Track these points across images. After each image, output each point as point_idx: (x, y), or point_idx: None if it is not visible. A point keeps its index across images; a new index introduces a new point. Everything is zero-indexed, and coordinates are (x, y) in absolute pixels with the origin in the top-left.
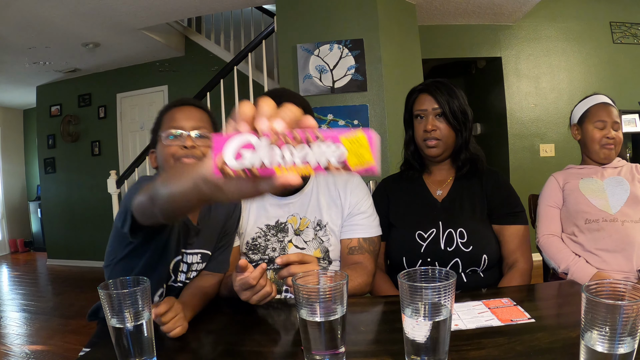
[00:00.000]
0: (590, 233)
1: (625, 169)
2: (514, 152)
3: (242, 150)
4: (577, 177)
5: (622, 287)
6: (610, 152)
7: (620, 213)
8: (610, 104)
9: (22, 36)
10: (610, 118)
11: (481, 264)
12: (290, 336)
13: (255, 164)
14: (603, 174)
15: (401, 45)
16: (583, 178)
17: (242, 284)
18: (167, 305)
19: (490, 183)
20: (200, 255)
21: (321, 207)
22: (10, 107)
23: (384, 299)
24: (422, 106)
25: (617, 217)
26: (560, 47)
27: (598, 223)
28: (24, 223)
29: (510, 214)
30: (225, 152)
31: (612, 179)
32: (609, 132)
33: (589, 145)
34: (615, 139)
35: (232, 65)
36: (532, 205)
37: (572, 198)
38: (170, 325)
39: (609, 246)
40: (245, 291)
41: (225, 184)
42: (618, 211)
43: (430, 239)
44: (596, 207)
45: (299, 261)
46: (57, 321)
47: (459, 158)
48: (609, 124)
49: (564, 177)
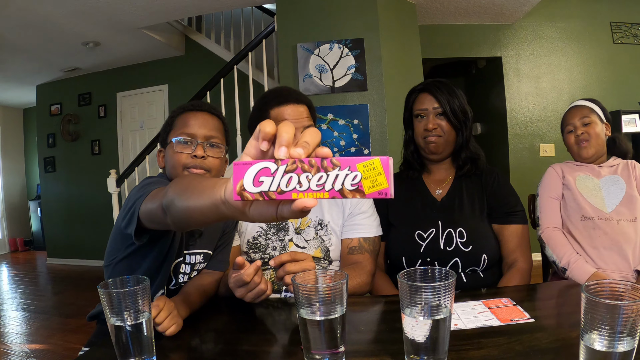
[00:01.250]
0: (586, 231)
1: (621, 166)
2: (514, 152)
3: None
4: (574, 172)
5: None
6: (588, 148)
7: (615, 212)
8: (581, 104)
9: (22, 35)
10: (576, 118)
11: (481, 264)
12: (289, 335)
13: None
14: (600, 172)
15: (401, 45)
16: (580, 174)
17: (236, 280)
18: (158, 308)
19: (489, 182)
20: (203, 255)
21: (322, 206)
22: (10, 106)
23: (384, 299)
24: (423, 105)
25: (612, 216)
26: (561, 47)
27: (593, 221)
28: (23, 222)
29: (510, 214)
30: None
31: (608, 178)
32: (577, 130)
33: (570, 151)
34: (585, 134)
35: (232, 65)
36: (531, 205)
37: (569, 194)
38: (165, 325)
39: (604, 244)
40: (239, 288)
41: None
42: (613, 210)
43: (429, 239)
44: (592, 205)
45: (292, 260)
46: (56, 320)
47: (460, 157)
48: (577, 124)
49: (563, 169)
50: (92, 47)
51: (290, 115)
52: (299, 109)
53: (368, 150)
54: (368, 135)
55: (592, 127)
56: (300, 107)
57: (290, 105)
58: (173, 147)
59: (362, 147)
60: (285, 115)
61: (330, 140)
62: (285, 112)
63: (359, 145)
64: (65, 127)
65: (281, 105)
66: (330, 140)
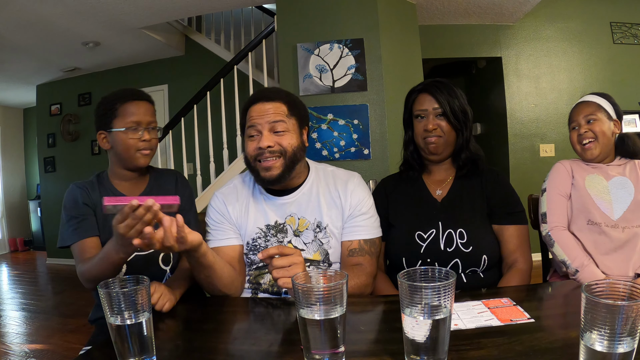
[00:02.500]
0: (591, 235)
1: (629, 167)
2: (514, 152)
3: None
4: (584, 172)
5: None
6: (592, 150)
7: (622, 219)
8: (588, 100)
9: (22, 35)
10: (581, 116)
11: (481, 265)
12: (289, 335)
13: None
14: (608, 172)
15: (401, 45)
16: (589, 174)
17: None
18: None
19: (490, 182)
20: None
21: (321, 208)
22: (10, 106)
23: (384, 299)
24: (423, 106)
25: (619, 223)
26: (561, 47)
27: (600, 227)
28: (23, 222)
29: (510, 214)
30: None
31: (617, 180)
32: (581, 129)
33: (574, 150)
34: (589, 132)
35: (232, 65)
36: (531, 205)
37: (577, 195)
38: (160, 303)
39: (608, 251)
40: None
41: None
42: (620, 217)
43: (429, 240)
44: (600, 210)
45: (279, 253)
46: (56, 320)
47: (460, 157)
48: (581, 122)
49: (572, 167)
50: (92, 47)
51: (258, 113)
52: (267, 106)
53: (368, 150)
54: (368, 135)
55: (597, 125)
56: (270, 104)
57: (259, 104)
58: (125, 134)
59: (362, 147)
60: (254, 113)
61: (330, 140)
62: (254, 110)
63: (359, 146)
64: (65, 127)
65: (252, 104)
66: (330, 141)
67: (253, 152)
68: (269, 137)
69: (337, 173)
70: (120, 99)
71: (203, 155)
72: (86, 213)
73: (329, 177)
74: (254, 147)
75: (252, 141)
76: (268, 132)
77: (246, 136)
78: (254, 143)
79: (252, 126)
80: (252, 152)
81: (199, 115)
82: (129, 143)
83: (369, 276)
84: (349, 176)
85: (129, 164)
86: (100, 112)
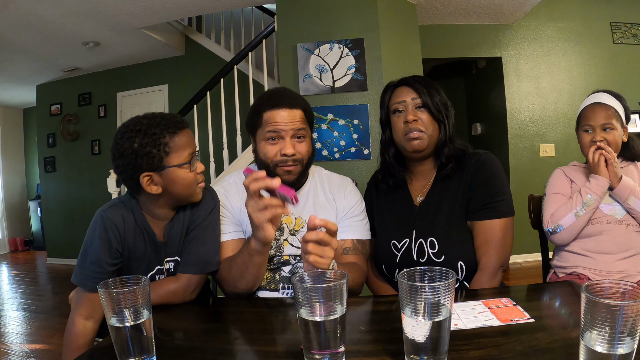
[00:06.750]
0: (592, 235)
1: (629, 170)
2: (514, 152)
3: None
4: (583, 176)
5: (622, 287)
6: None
7: (626, 217)
8: (602, 102)
9: (22, 35)
10: (598, 120)
11: (459, 272)
12: (289, 335)
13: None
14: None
15: (401, 45)
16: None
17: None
18: None
19: (470, 172)
20: (174, 263)
21: (317, 208)
22: (10, 106)
23: (384, 299)
24: (400, 98)
25: (623, 220)
26: (561, 47)
27: (602, 225)
28: (23, 222)
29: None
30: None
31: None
32: (596, 136)
33: (583, 151)
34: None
35: (232, 65)
36: (531, 206)
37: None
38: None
39: (610, 249)
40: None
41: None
42: (624, 215)
43: (403, 250)
44: (602, 211)
45: (323, 225)
46: (56, 320)
47: (443, 153)
48: (597, 128)
49: (570, 173)
50: (92, 47)
51: (282, 119)
52: (292, 113)
53: (368, 150)
54: (368, 135)
55: (613, 134)
56: (293, 112)
57: (282, 110)
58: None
59: (362, 147)
60: (278, 119)
61: (330, 140)
62: (278, 116)
63: (359, 146)
64: (65, 127)
65: (273, 108)
66: (330, 141)
67: (275, 158)
68: (293, 145)
69: (332, 177)
70: (166, 129)
71: (203, 155)
72: (113, 264)
73: (324, 181)
74: (275, 151)
75: (272, 145)
76: (290, 138)
77: (263, 138)
78: (275, 147)
79: (274, 131)
80: (274, 157)
81: (199, 116)
82: (190, 178)
83: (362, 275)
84: (343, 180)
85: (186, 201)
86: (142, 152)
